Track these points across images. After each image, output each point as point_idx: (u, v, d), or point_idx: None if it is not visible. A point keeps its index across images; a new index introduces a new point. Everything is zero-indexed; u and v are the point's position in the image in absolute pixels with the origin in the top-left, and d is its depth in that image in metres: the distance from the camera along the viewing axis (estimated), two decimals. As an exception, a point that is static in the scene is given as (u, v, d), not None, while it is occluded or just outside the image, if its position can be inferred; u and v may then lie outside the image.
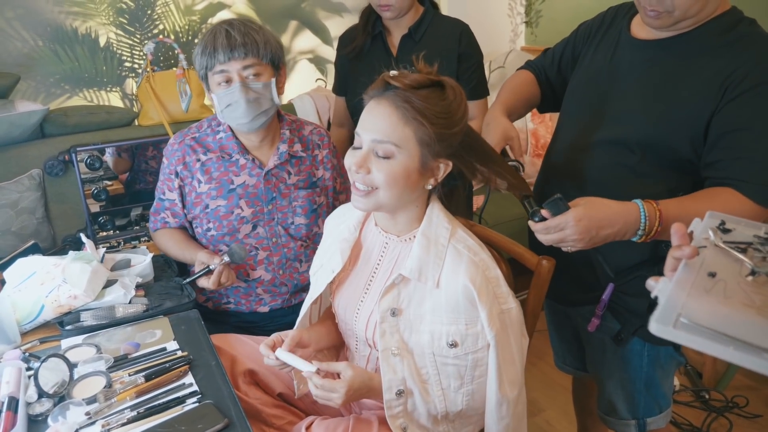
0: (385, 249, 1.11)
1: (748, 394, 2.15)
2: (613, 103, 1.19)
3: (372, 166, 0.99)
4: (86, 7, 2.28)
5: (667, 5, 1.05)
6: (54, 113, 2.04)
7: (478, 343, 1.03)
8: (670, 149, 1.11)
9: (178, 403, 1.02)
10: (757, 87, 1.02)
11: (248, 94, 1.36)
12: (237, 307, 1.53)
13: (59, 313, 1.27)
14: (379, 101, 0.99)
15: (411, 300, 1.05)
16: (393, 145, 0.97)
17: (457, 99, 1.02)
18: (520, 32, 3.31)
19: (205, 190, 1.47)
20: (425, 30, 1.84)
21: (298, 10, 2.74)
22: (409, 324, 1.05)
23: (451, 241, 1.04)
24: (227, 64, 1.35)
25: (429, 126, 0.97)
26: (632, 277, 1.20)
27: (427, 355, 1.04)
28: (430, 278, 1.02)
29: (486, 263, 1.04)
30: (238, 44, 1.33)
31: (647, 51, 1.16)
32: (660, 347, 1.24)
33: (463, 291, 1.01)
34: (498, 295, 1.03)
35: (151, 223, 1.60)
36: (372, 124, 0.99)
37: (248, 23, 1.39)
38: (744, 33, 1.07)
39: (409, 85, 0.97)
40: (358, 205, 1.04)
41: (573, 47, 1.36)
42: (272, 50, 1.39)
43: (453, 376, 1.05)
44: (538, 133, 2.91)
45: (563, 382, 2.17)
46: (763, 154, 1.03)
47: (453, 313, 1.02)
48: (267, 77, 1.39)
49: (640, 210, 1.02)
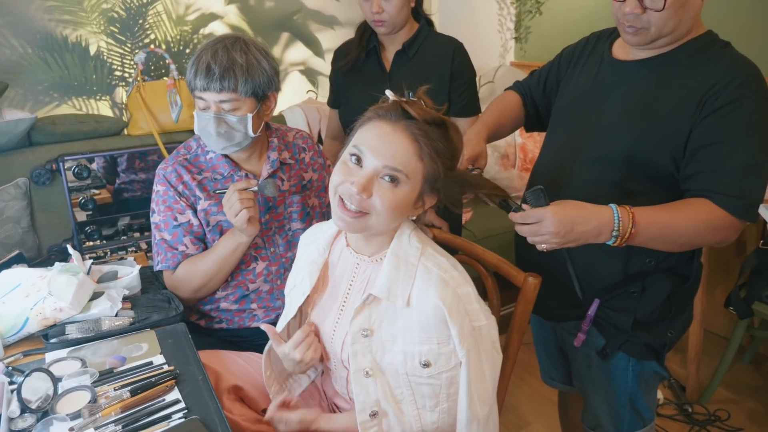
0: (356, 269, 1.10)
1: (730, 408, 2.18)
2: (597, 121, 1.22)
3: (374, 190, 0.97)
4: (77, 16, 2.27)
5: (643, 22, 1.09)
6: (42, 121, 2.03)
7: (451, 361, 1.03)
8: (653, 165, 1.15)
9: (164, 418, 1.01)
10: (731, 103, 1.06)
11: (219, 126, 1.35)
12: (229, 326, 1.52)
13: (44, 325, 1.25)
14: (395, 128, 0.98)
15: (383, 320, 1.04)
16: (404, 175, 0.97)
17: (460, 140, 1.04)
18: (510, 47, 3.35)
19: (206, 206, 1.45)
20: (419, 46, 1.86)
21: (291, 22, 2.76)
22: (381, 344, 1.05)
23: (421, 259, 1.04)
24: (204, 93, 1.34)
25: (441, 165, 0.99)
26: (617, 293, 1.22)
27: (401, 376, 1.04)
28: (400, 297, 1.02)
29: (457, 280, 1.03)
30: (215, 77, 1.31)
31: (628, 71, 1.20)
32: (644, 362, 1.26)
33: (433, 310, 1.00)
34: (469, 311, 1.02)
35: (161, 265, 1.46)
36: (386, 150, 0.97)
37: (237, 48, 1.34)
38: (718, 54, 1.13)
39: (425, 120, 0.97)
40: (343, 225, 1.01)
41: (557, 70, 1.41)
42: (255, 83, 1.35)
43: (428, 396, 1.05)
44: (526, 147, 2.94)
45: (550, 396, 2.18)
46: (736, 167, 1.07)
47: (425, 332, 1.02)
48: (245, 111, 1.36)
49: (614, 213, 1.06)
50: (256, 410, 1.25)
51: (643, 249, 1.16)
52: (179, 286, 1.46)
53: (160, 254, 1.47)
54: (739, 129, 1.07)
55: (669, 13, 1.06)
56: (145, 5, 2.40)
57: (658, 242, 1.11)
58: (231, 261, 1.43)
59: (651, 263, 1.20)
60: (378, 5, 1.73)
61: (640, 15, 1.08)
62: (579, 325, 1.27)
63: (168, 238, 1.46)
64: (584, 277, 1.25)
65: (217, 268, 1.43)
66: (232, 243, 1.40)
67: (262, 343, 1.50)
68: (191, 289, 1.45)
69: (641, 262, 1.20)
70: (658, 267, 1.20)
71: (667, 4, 1.05)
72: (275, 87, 1.43)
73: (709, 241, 1.13)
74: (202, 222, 1.46)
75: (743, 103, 1.06)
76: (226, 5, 2.58)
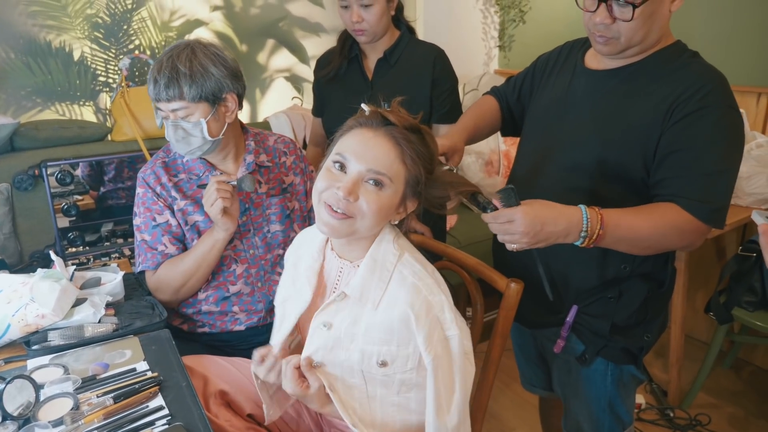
0: (340, 274, 1.11)
1: (710, 412, 2.21)
2: (570, 128, 1.25)
3: (360, 194, 0.99)
4: (61, 21, 2.26)
5: (613, 32, 1.12)
6: (25, 127, 2.02)
7: (407, 364, 1.03)
8: (625, 172, 1.17)
9: (148, 425, 1.01)
10: (698, 110, 1.09)
11: (177, 133, 1.39)
12: (211, 330, 1.52)
13: (26, 332, 1.24)
14: (376, 134, 1.00)
15: (344, 318, 1.05)
16: (387, 178, 0.99)
17: (436, 146, 1.06)
18: (494, 56, 3.39)
19: (182, 206, 1.48)
20: (400, 54, 1.87)
21: (276, 29, 2.77)
22: (338, 340, 1.06)
23: (397, 265, 1.05)
24: (159, 103, 1.39)
25: (422, 168, 1.01)
26: (595, 299, 1.25)
27: (356, 372, 1.05)
28: (371, 300, 1.03)
29: (430, 288, 1.03)
30: (161, 87, 1.35)
31: (600, 80, 1.23)
32: (623, 366, 1.28)
33: (399, 315, 1.01)
34: (441, 320, 1.03)
35: (141, 266, 1.48)
36: (369, 154, 0.98)
37: (182, 57, 1.36)
38: (687, 63, 1.16)
39: (404, 126, 1.00)
40: (328, 231, 1.02)
41: (532, 77, 1.44)
42: (202, 87, 1.36)
43: (379, 386, 1.06)
44: (510, 154, 2.97)
45: (534, 401, 2.19)
46: (702, 173, 1.10)
47: (386, 334, 1.03)
48: (198, 116, 1.38)
49: (583, 214, 1.07)
50: (242, 415, 1.25)
51: (619, 255, 1.18)
52: (160, 286, 1.47)
53: (141, 255, 1.49)
54: (706, 136, 1.10)
55: (637, 23, 1.09)
56: (129, 11, 2.40)
57: (625, 244, 1.12)
58: (209, 259, 1.44)
59: (626, 269, 1.22)
60: (357, 15, 1.74)
61: (610, 25, 1.11)
62: (558, 331, 1.29)
63: (148, 238, 1.48)
64: (561, 284, 1.27)
65: (196, 266, 1.44)
66: (210, 240, 1.42)
67: (244, 348, 1.52)
68: (172, 288, 1.46)
69: (617, 268, 1.22)
70: (633, 272, 1.23)
71: (635, 14, 1.08)
72: (229, 88, 1.42)
73: (675, 245, 1.15)
74: (180, 222, 1.48)
75: (710, 111, 1.09)
76: (211, 12, 2.58)
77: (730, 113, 1.11)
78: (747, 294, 2.08)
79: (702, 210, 1.09)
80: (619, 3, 1.08)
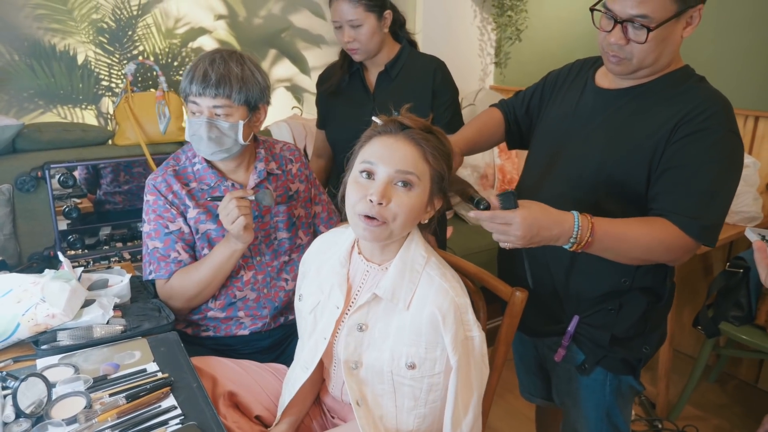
0: (366, 276, 1.15)
1: (697, 424, 2.26)
2: (577, 143, 1.29)
3: (392, 196, 1.03)
4: (66, 25, 2.28)
5: (626, 52, 1.17)
6: (28, 128, 2.02)
7: (435, 368, 1.08)
8: (629, 187, 1.22)
9: (161, 424, 1.03)
10: (699, 131, 1.14)
11: (211, 131, 1.39)
12: (216, 334, 1.53)
13: (35, 332, 1.25)
14: (396, 138, 1.05)
15: (379, 318, 1.10)
16: (416, 177, 1.04)
17: (450, 144, 1.11)
18: (490, 72, 3.46)
19: (195, 215, 1.48)
20: (401, 67, 1.92)
21: (278, 40, 2.80)
22: (372, 340, 1.11)
23: (425, 268, 1.10)
24: (199, 98, 1.39)
25: (444, 164, 1.07)
26: (595, 311, 1.29)
27: (385, 373, 1.09)
28: (402, 300, 1.08)
29: (456, 290, 1.09)
30: (212, 83, 1.36)
31: (609, 98, 1.28)
32: (621, 376, 1.32)
33: (428, 316, 1.06)
34: (464, 321, 1.08)
35: (154, 275, 1.47)
36: (395, 156, 1.04)
37: (233, 60, 1.40)
38: (693, 86, 1.21)
39: (419, 128, 1.06)
40: (369, 236, 1.05)
41: (542, 92, 1.48)
42: (249, 92, 1.41)
43: (408, 397, 1.10)
44: (504, 168, 3.03)
45: (527, 412, 2.23)
46: (694, 191, 1.14)
47: (415, 335, 1.07)
48: (237, 118, 1.41)
49: (575, 221, 1.11)
50: (249, 416, 1.26)
51: (620, 269, 1.22)
52: (173, 295, 1.47)
53: (152, 264, 1.48)
54: (703, 155, 1.14)
55: (650, 46, 1.14)
56: (135, 17, 2.42)
57: (612, 253, 1.16)
58: (225, 269, 1.45)
59: (626, 282, 1.26)
60: (349, 35, 1.79)
61: (623, 46, 1.16)
62: (559, 340, 1.33)
63: (160, 246, 1.47)
64: (563, 294, 1.31)
65: (212, 276, 1.44)
66: (227, 250, 1.42)
67: (247, 351, 1.54)
68: (186, 298, 1.46)
69: (617, 282, 1.26)
70: (633, 286, 1.27)
71: (649, 37, 1.12)
72: (266, 100, 1.49)
73: (662, 258, 1.18)
74: (192, 230, 1.49)
75: (711, 132, 1.14)
76: (215, 20, 2.61)
77: (730, 136, 1.15)
78: (733, 309, 2.14)
79: (692, 226, 1.13)
80: (634, 25, 1.13)
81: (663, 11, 1.11)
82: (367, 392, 1.11)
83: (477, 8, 3.29)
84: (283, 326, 1.59)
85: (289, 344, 1.61)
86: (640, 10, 1.11)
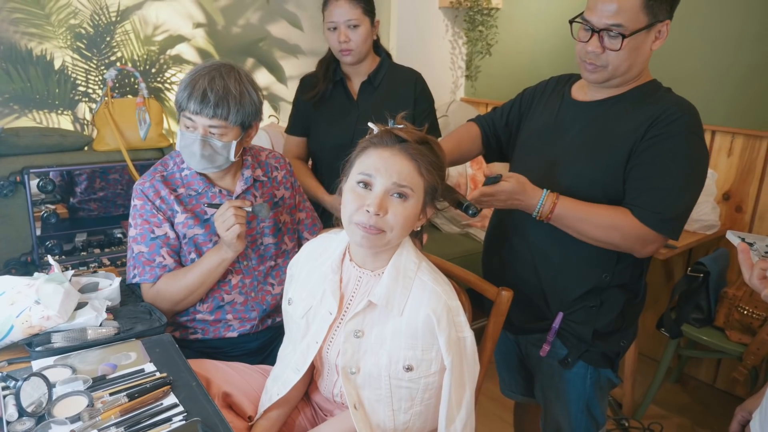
0: (358, 282, 1.19)
1: (662, 422, 2.38)
2: (559, 153, 1.38)
3: (388, 207, 1.08)
4: (44, 29, 2.26)
5: (602, 60, 1.27)
6: (6, 133, 1.99)
7: (431, 368, 1.13)
8: (611, 190, 1.31)
9: (165, 421, 1.04)
10: (666, 133, 1.25)
11: (204, 149, 1.41)
12: (204, 336, 1.55)
13: (28, 334, 1.24)
14: (393, 151, 1.09)
15: (374, 324, 1.14)
16: (410, 189, 1.08)
17: (444, 154, 1.16)
18: (461, 84, 3.56)
19: (182, 219, 1.49)
20: (383, 77, 2.00)
21: (256, 49, 2.83)
22: (369, 346, 1.14)
23: (417, 273, 1.15)
24: (196, 116, 1.40)
25: (437, 177, 1.12)
26: (579, 307, 1.37)
27: (383, 377, 1.13)
28: (396, 306, 1.12)
29: (448, 294, 1.15)
30: (210, 105, 1.37)
31: (586, 110, 1.38)
32: (601, 369, 1.41)
33: (424, 319, 1.11)
34: (456, 323, 1.14)
35: (139, 278, 1.48)
36: (392, 170, 1.08)
37: (232, 78, 1.41)
38: (663, 96, 1.32)
39: (415, 140, 1.10)
40: (365, 242, 1.09)
41: (519, 106, 1.57)
42: (244, 113, 1.42)
43: (404, 398, 1.14)
44: (476, 178, 3.12)
45: (500, 413, 2.31)
46: (656, 186, 1.25)
47: (411, 338, 1.12)
48: (230, 138, 1.43)
49: (540, 201, 1.28)
50: (243, 417, 1.28)
51: (600, 265, 1.33)
52: (158, 298, 1.48)
53: (137, 267, 1.49)
54: (666, 155, 1.25)
55: (624, 54, 1.25)
56: (113, 23, 2.41)
57: (573, 231, 1.30)
58: (214, 276, 1.47)
59: (606, 278, 1.35)
60: (345, 35, 1.86)
61: (600, 54, 1.26)
62: (544, 337, 1.41)
63: (145, 250, 1.48)
64: (549, 292, 1.39)
65: (200, 282, 1.46)
66: (217, 258, 1.45)
67: (236, 354, 1.56)
68: (172, 301, 1.47)
69: (599, 278, 1.35)
70: (612, 282, 1.36)
71: (623, 44, 1.23)
72: (259, 117, 1.51)
73: (620, 244, 1.29)
74: (179, 235, 1.50)
75: (675, 134, 1.25)
76: (194, 28, 2.63)
77: (693, 139, 1.26)
78: (694, 311, 2.27)
79: (650, 218, 1.24)
80: (610, 34, 1.24)
81: (636, 21, 1.22)
82: (364, 396, 1.15)
83: (449, 23, 3.40)
84: (270, 328, 1.62)
85: (277, 346, 1.63)
86: (616, 19, 1.21)
